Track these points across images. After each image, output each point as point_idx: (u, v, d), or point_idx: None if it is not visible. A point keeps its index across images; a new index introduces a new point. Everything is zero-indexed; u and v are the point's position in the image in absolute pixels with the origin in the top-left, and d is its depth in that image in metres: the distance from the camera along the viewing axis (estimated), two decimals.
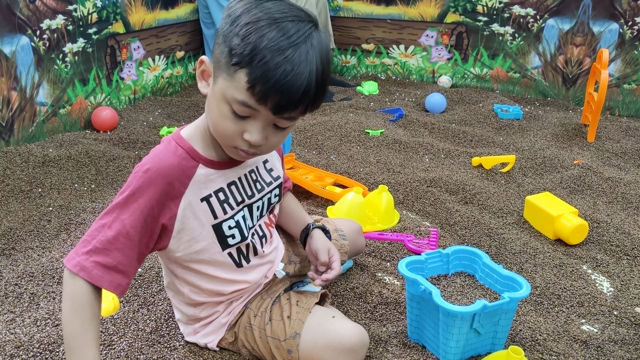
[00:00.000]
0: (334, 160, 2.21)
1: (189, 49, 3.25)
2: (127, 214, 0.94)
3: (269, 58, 0.86)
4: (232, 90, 0.89)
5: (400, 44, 3.39)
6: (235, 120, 0.92)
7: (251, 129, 0.92)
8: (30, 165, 2.00)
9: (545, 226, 1.71)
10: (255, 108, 0.90)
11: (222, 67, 0.91)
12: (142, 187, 0.95)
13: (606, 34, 2.94)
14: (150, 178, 0.95)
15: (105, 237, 0.93)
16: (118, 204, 0.95)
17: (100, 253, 0.93)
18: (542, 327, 1.29)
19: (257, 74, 0.86)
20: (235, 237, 1.07)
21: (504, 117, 2.76)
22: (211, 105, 0.95)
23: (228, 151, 1.00)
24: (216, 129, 0.96)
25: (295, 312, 1.12)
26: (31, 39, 2.19)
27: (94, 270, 0.92)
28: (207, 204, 1.02)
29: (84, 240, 0.95)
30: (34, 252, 1.55)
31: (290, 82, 0.86)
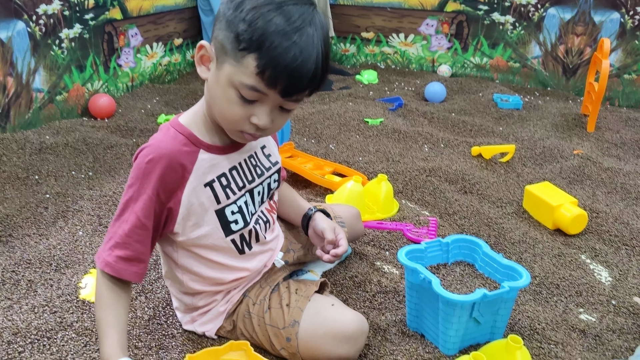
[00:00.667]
0: (333, 149, 2.20)
1: (187, 36, 3.22)
2: (139, 206, 0.97)
3: (278, 43, 0.87)
4: (240, 75, 0.90)
5: (400, 32, 3.37)
6: (243, 104, 0.93)
7: (259, 112, 0.94)
8: (27, 152, 1.98)
9: (544, 216, 1.71)
10: (265, 92, 0.91)
11: (227, 53, 0.91)
12: (147, 177, 0.96)
13: (607, 23, 2.92)
14: (154, 167, 0.96)
15: (123, 232, 0.97)
16: (130, 198, 0.97)
17: (120, 247, 0.97)
18: (540, 317, 1.29)
19: (266, 59, 0.87)
20: (239, 222, 1.07)
21: (504, 107, 2.75)
22: (215, 90, 0.95)
23: (233, 135, 1.00)
24: (222, 114, 0.96)
25: (295, 300, 1.11)
26: (27, 24, 2.17)
27: (117, 264, 0.97)
28: (211, 189, 1.02)
29: (107, 237, 0.99)
30: (31, 239, 1.54)
31: (300, 66, 0.88)
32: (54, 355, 1.10)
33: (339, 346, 1.06)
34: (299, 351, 1.08)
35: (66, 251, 1.47)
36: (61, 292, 1.28)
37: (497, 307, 1.15)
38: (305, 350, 1.08)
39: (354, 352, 1.08)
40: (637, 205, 1.86)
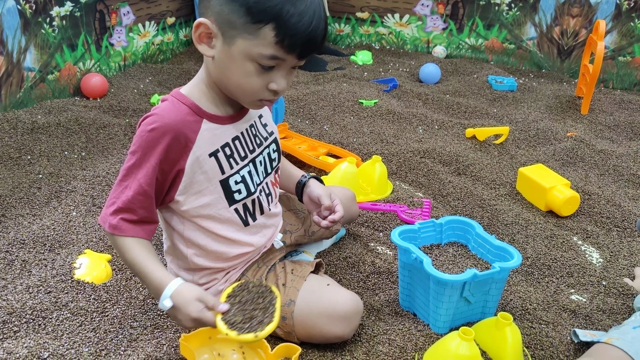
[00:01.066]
0: (327, 130, 2.19)
1: (180, 15, 3.18)
2: (142, 174, 0.98)
3: (293, 10, 0.90)
4: (258, 47, 0.93)
5: (395, 12, 3.34)
6: (261, 74, 0.96)
7: (277, 78, 0.97)
8: (18, 131, 1.97)
9: (537, 198, 1.72)
10: (284, 58, 0.95)
11: (238, 27, 0.93)
12: (151, 146, 0.97)
13: (603, 5, 2.90)
14: (157, 136, 0.97)
15: (127, 197, 0.99)
16: (133, 165, 0.99)
17: (125, 212, 0.99)
18: (532, 297, 1.30)
19: (285, 28, 0.91)
20: (242, 192, 1.08)
21: (498, 89, 2.74)
22: (229, 66, 0.97)
23: (249, 105, 1.03)
24: (241, 88, 0.98)
25: (290, 279, 1.12)
26: (17, 1, 2.13)
27: (123, 226, 1.00)
28: (215, 159, 1.04)
29: (110, 202, 1.01)
30: (25, 220, 1.53)
31: (315, 28, 0.93)
32: (49, 334, 1.10)
33: (334, 325, 1.07)
34: (295, 330, 1.09)
35: (60, 231, 1.47)
36: (55, 272, 1.28)
37: (487, 287, 1.16)
38: (301, 329, 1.09)
39: (349, 331, 1.10)
40: (629, 187, 1.88)
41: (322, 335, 1.09)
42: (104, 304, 1.19)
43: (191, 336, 1.06)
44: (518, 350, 1.08)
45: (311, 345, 1.12)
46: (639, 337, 1.00)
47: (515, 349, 1.07)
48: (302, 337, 1.10)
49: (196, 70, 2.90)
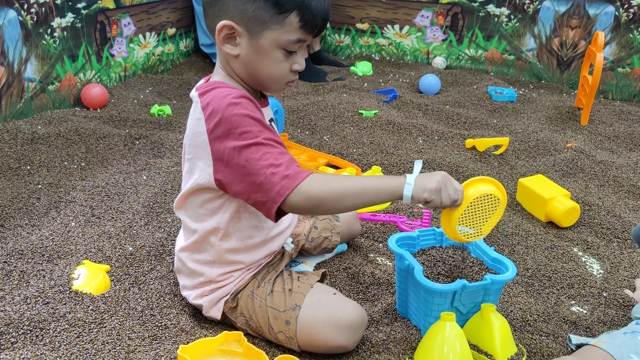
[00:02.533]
0: (327, 141, 2.19)
1: (180, 26, 3.20)
2: (263, 134, 0.99)
3: None
4: (286, 34, 1.02)
5: (395, 24, 3.36)
6: (287, 59, 1.05)
7: (298, 59, 1.07)
8: (18, 142, 1.97)
9: (537, 208, 1.72)
10: (306, 39, 1.04)
11: (265, 21, 1.01)
12: (247, 109, 1.00)
13: (602, 16, 2.92)
14: (243, 102, 1.00)
15: (279, 152, 0.99)
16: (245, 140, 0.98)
17: (281, 166, 0.98)
18: (532, 308, 1.30)
19: (307, 12, 1.01)
20: None
21: (498, 100, 2.75)
22: (258, 59, 1.04)
23: (277, 90, 1.11)
24: (272, 75, 1.06)
25: (297, 285, 1.13)
26: (18, 12, 2.14)
27: (294, 172, 0.98)
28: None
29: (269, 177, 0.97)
30: (23, 230, 1.53)
31: (327, 8, 1.04)
32: (47, 346, 1.09)
33: (339, 334, 1.07)
34: (297, 336, 1.08)
35: (59, 242, 1.46)
36: (54, 282, 1.28)
37: (480, 299, 1.16)
38: (303, 336, 1.08)
39: (353, 342, 1.09)
40: (629, 198, 1.88)
41: (326, 344, 1.08)
42: (102, 315, 1.18)
43: (190, 347, 1.05)
44: (507, 336, 1.10)
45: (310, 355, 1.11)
46: (627, 342, 1.00)
47: (504, 334, 1.09)
48: (304, 345, 1.10)
49: (196, 80, 2.91)
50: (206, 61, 3.25)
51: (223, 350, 1.07)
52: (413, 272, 1.14)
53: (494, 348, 1.10)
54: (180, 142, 2.12)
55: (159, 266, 1.38)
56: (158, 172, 1.87)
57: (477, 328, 1.13)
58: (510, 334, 1.11)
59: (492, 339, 1.09)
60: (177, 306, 1.24)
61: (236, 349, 1.07)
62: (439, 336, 1.06)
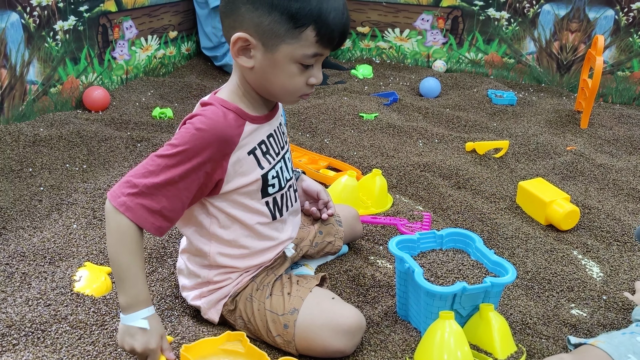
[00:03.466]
0: (328, 144, 2.20)
1: (182, 29, 3.21)
2: (179, 169, 0.98)
3: (329, 8, 0.98)
4: (302, 49, 1.00)
5: (396, 27, 3.37)
6: (303, 73, 1.03)
7: (315, 72, 1.05)
8: (20, 144, 1.98)
9: (537, 212, 1.72)
10: (323, 53, 1.03)
11: (281, 35, 0.99)
12: (196, 147, 0.99)
13: (601, 20, 2.93)
14: (205, 139, 0.99)
15: (152, 183, 0.98)
16: (168, 155, 0.99)
17: (145, 197, 0.98)
18: (532, 311, 1.30)
19: (324, 27, 0.98)
20: (275, 186, 1.13)
21: (498, 103, 2.75)
22: (273, 71, 1.02)
23: (290, 102, 1.11)
24: (285, 89, 1.05)
25: (296, 289, 1.13)
26: (21, 15, 2.15)
27: (138, 211, 0.98)
28: (253, 156, 1.08)
29: (129, 182, 0.99)
30: (25, 232, 1.54)
31: (346, 21, 1.02)
32: (48, 347, 1.10)
33: (337, 338, 1.07)
34: (295, 339, 1.09)
35: (60, 244, 1.47)
36: (55, 284, 1.28)
37: (479, 301, 1.16)
38: (301, 340, 1.09)
39: (351, 346, 1.10)
40: (629, 201, 1.88)
41: (324, 348, 1.08)
42: (104, 317, 1.19)
43: (193, 347, 1.06)
44: (506, 335, 1.11)
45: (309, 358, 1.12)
46: (625, 342, 1.01)
47: (503, 333, 1.10)
48: (302, 348, 1.10)
49: (197, 83, 2.93)
50: (208, 64, 3.26)
51: (225, 350, 1.07)
52: (413, 275, 1.14)
53: (494, 346, 1.10)
54: None
55: (160, 268, 1.39)
56: None
57: (476, 327, 1.13)
58: (509, 333, 1.12)
59: (492, 338, 1.10)
60: (178, 308, 1.25)
61: (238, 349, 1.08)
62: (438, 334, 1.06)
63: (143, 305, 1.00)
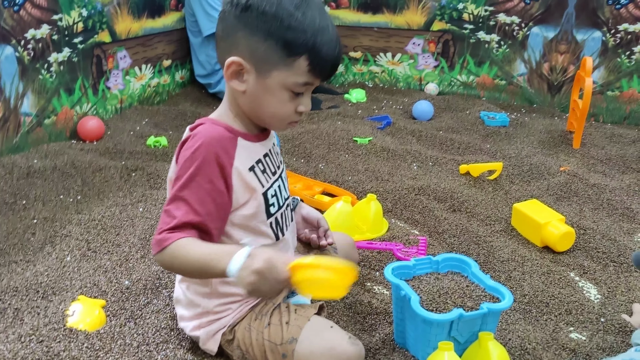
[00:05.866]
0: (323, 169, 2.20)
1: (176, 58, 3.24)
2: (196, 187, 1.01)
3: (323, 40, 1.00)
4: (294, 77, 1.02)
5: (387, 51, 3.41)
6: (292, 100, 1.05)
7: (304, 101, 1.07)
8: (14, 176, 1.97)
9: (532, 233, 1.72)
10: (313, 83, 1.05)
11: (274, 62, 1.01)
12: (201, 161, 1.02)
13: (589, 41, 2.97)
14: (204, 152, 1.02)
15: (179, 214, 1.01)
16: (181, 187, 1.02)
17: (182, 228, 1.01)
18: (531, 336, 1.29)
19: (317, 57, 1.01)
20: (275, 205, 1.14)
21: (491, 124, 2.77)
22: (264, 97, 1.05)
23: (279, 129, 1.13)
24: (275, 115, 1.07)
25: (294, 318, 1.13)
26: (15, 48, 2.17)
27: (176, 233, 1.00)
28: (254, 173, 1.09)
29: (159, 231, 1.02)
30: (18, 266, 1.52)
31: (339, 53, 1.04)
32: None
33: None
34: None
35: (53, 277, 1.46)
36: (48, 320, 1.27)
37: (477, 328, 1.15)
38: None
39: None
40: (624, 221, 1.88)
41: None
42: (97, 353, 1.17)
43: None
44: None
45: None
46: None
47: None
48: None
49: (192, 111, 2.94)
50: (202, 92, 3.28)
51: None
52: (409, 302, 1.13)
53: None
54: None
55: (155, 300, 1.37)
56: (154, 204, 1.87)
57: (475, 357, 1.12)
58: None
59: None
60: (173, 341, 1.23)
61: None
62: None
63: (235, 250, 0.98)
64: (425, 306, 1.16)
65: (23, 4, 2.19)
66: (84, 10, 2.50)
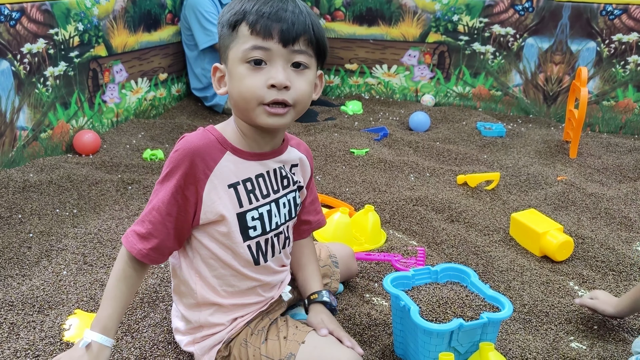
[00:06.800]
0: (320, 181, 2.20)
1: (172, 71, 3.24)
2: (162, 191, 1.04)
3: (256, 3, 1.00)
4: (241, 45, 1.00)
5: (383, 63, 3.42)
6: (256, 72, 0.99)
7: (273, 72, 0.99)
8: (10, 190, 1.96)
9: (531, 243, 1.72)
10: (266, 46, 0.98)
11: (226, 44, 1.03)
12: (175, 166, 1.03)
13: (584, 52, 3.00)
14: (179, 158, 1.02)
15: (145, 211, 1.05)
16: (158, 182, 1.06)
17: (138, 224, 1.05)
18: (531, 346, 1.28)
19: (253, 17, 0.99)
20: (257, 229, 1.10)
21: (488, 135, 2.78)
22: (232, 83, 1.03)
23: (259, 118, 1.02)
24: (242, 94, 1.01)
25: (292, 333, 1.11)
26: (11, 63, 2.17)
27: (130, 237, 1.05)
28: (234, 190, 1.07)
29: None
30: (14, 280, 1.51)
31: (282, 9, 0.99)
32: None
33: None
34: None
35: (50, 292, 1.44)
36: (44, 334, 1.25)
37: (477, 338, 1.14)
38: None
39: None
40: (622, 230, 1.88)
41: None
42: None
43: None
44: None
45: None
46: None
47: None
48: None
49: (188, 124, 2.94)
50: (198, 104, 3.28)
51: None
52: (409, 313, 1.12)
53: None
54: None
55: (152, 313, 1.36)
56: None
57: None
58: None
59: None
60: (170, 354, 1.22)
61: None
62: None
63: (98, 329, 1.02)
64: (424, 316, 1.15)
65: (19, 19, 2.19)
66: (80, 24, 2.51)
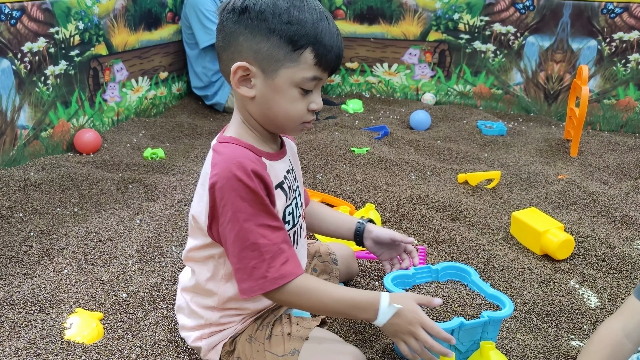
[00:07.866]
0: (320, 179, 2.20)
1: (173, 70, 3.24)
2: (261, 216, 1.00)
3: (324, 30, 0.99)
4: (301, 72, 1.00)
5: (384, 62, 3.42)
6: (303, 98, 1.02)
7: (315, 98, 1.04)
8: (10, 189, 1.96)
9: (532, 242, 1.72)
10: (321, 77, 1.02)
11: (280, 59, 0.99)
12: (248, 190, 0.99)
13: (585, 50, 2.99)
14: (246, 179, 0.98)
15: (266, 243, 1.00)
16: (244, 220, 0.99)
17: (275, 259, 1.00)
18: (532, 344, 1.28)
19: (321, 48, 0.99)
20: (290, 222, 1.12)
21: (488, 134, 2.78)
22: (274, 98, 1.02)
23: (293, 131, 1.07)
24: (288, 115, 1.03)
25: (296, 330, 1.12)
26: (12, 62, 2.17)
27: (286, 270, 1.01)
28: (282, 190, 1.08)
29: (247, 272, 1.01)
30: (15, 279, 1.51)
31: (340, 43, 1.02)
32: None
33: None
34: None
35: (51, 290, 1.44)
36: (45, 333, 1.25)
37: (478, 337, 1.14)
38: None
39: None
40: (623, 228, 1.88)
41: None
42: None
43: None
44: None
45: None
46: None
47: None
48: None
49: (189, 123, 2.94)
50: (199, 103, 3.28)
51: None
52: None
53: None
54: (174, 184, 2.12)
55: (153, 312, 1.36)
56: (151, 216, 1.86)
57: None
58: None
59: None
60: (172, 353, 1.22)
61: None
62: None
63: (375, 301, 1.02)
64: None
65: (20, 17, 2.19)
66: (80, 23, 2.50)
